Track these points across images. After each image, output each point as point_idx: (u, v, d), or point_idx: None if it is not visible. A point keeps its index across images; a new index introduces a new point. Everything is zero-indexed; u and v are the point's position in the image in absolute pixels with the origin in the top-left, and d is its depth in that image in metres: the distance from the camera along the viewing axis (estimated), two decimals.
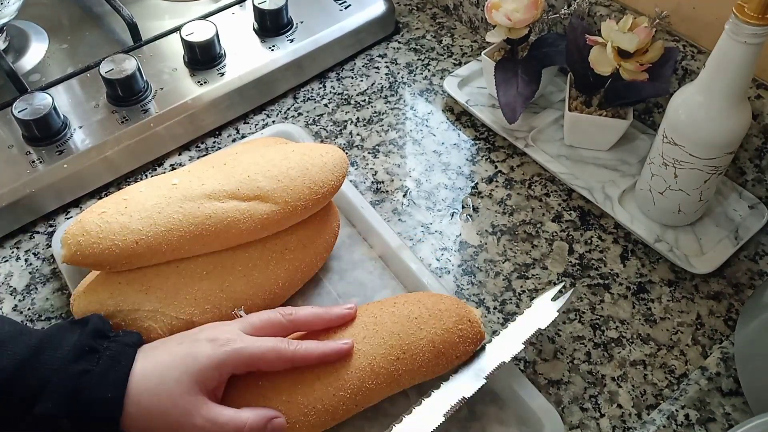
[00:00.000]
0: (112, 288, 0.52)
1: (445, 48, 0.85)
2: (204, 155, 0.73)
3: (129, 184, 0.70)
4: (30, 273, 0.63)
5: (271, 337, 0.48)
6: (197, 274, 0.53)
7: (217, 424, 0.43)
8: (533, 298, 0.60)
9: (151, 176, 0.71)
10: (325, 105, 0.78)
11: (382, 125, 0.76)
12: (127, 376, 0.43)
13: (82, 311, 0.51)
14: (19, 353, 0.43)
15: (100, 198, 0.69)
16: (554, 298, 0.55)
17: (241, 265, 0.54)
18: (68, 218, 0.67)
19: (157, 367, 0.45)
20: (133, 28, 0.78)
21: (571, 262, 0.62)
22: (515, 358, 0.56)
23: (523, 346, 0.52)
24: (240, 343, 0.46)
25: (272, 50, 0.78)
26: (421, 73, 0.82)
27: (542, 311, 0.54)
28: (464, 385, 0.50)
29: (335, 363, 0.48)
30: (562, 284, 0.56)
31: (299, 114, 0.77)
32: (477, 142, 0.74)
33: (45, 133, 0.67)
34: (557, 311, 0.54)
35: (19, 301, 0.61)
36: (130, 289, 0.52)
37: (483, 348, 0.52)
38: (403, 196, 0.68)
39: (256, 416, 0.44)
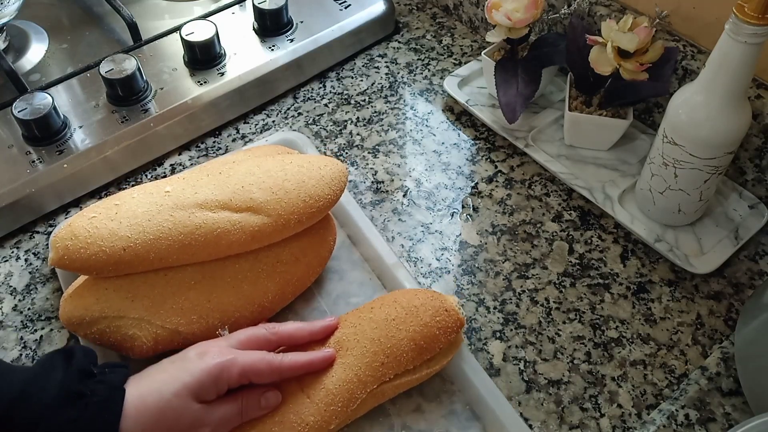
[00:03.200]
0: (99, 294, 0.51)
1: (445, 48, 0.85)
2: (204, 155, 0.73)
3: (129, 184, 0.70)
4: (30, 273, 0.63)
5: (259, 351, 0.49)
6: (185, 284, 0.53)
7: (220, 422, 0.45)
8: (533, 298, 0.60)
9: (151, 176, 0.71)
10: (325, 105, 0.78)
11: (382, 125, 0.76)
12: (117, 425, 0.42)
13: (67, 316, 0.51)
14: (2, 398, 0.41)
15: (100, 198, 0.69)
16: None
17: (230, 277, 0.54)
18: (68, 218, 0.67)
19: (154, 384, 0.45)
20: (133, 28, 0.78)
21: (571, 261, 0.62)
22: (516, 358, 0.56)
23: None
24: (231, 355, 0.47)
25: (272, 50, 0.78)
26: (421, 73, 0.82)
27: None
28: None
29: (323, 379, 0.48)
30: None
31: (299, 114, 0.77)
32: (477, 142, 0.74)
33: (45, 132, 0.67)
34: None
35: (19, 301, 0.61)
36: (116, 295, 0.51)
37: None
38: (403, 196, 0.68)
39: (250, 393, 0.47)
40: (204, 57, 0.75)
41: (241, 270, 0.54)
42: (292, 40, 0.79)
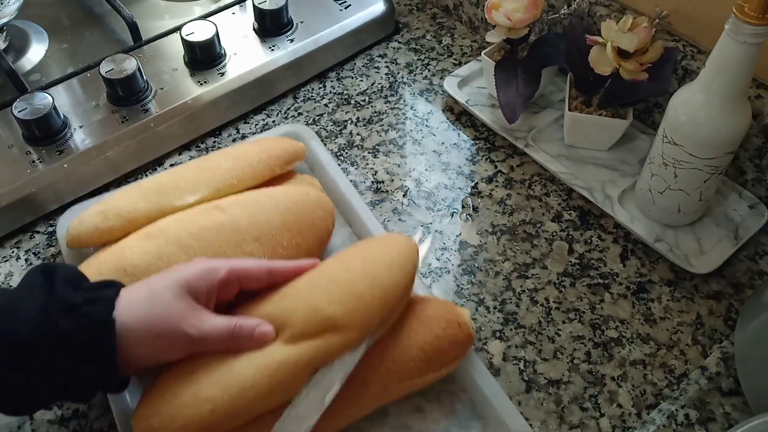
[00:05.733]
0: (103, 278, 0.51)
1: (445, 48, 0.85)
2: (204, 155, 0.73)
3: (129, 184, 0.70)
4: None
5: None
6: None
7: (205, 332, 0.45)
8: (533, 298, 0.60)
9: (151, 176, 0.71)
10: (325, 105, 0.78)
11: (382, 125, 0.76)
12: (114, 356, 0.43)
13: None
14: None
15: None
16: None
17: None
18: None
19: (143, 283, 0.46)
20: (134, 28, 0.78)
21: (570, 261, 0.62)
22: (516, 358, 0.56)
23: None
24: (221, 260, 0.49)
25: (272, 50, 0.78)
26: (421, 73, 0.82)
27: None
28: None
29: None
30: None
31: (299, 114, 0.77)
32: (477, 142, 0.74)
33: (45, 132, 0.67)
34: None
35: None
36: (121, 280, 0.50)
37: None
38: (403, 195, 0.69)
39: (245, 320, 0.46)
40: (204, 57, 0.75)
41: (243, 254, 0.55)
42: (292, 40, 0.79)
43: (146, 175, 0.71)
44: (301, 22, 0.81)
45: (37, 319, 0.42)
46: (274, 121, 0.76)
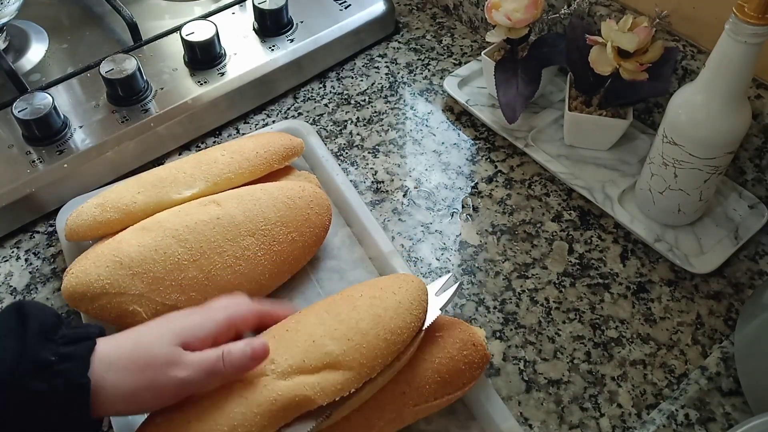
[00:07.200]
0: (101, 270, 0.53)
1: (445, 48, 0.85)
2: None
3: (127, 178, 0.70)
4: (30, 273, 0.63)
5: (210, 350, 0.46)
6: (184, 261, 0.54)
7: (194, 365, 0.42)
8: (533, 298, 0.60)
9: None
10: (325, 105, 0.78)
11: (382, 125, 0.76)
12: (87, 416, 0.40)
13: (70, 291, 0.53)
14: None
15: None
16: (438, 293, 0.51)
17: (228, 255, 0.55)
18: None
19: (133, 333, 0.44)
20: (133, 28, 0.78)
21: (570, 261, 0.62)
22: (516, 358, 0.56)
23: None
24: (217, 309, 0.47)
25: (272, 50, 0.78)
26: (421, 73, 0.82)
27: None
28: None
29: (342, 403, 0.46)
30: (448, 275, 0.52)
31: (299, 114, 0.77)
32: (477, 142, 0.74)
33: (45, 132, 0.67)
34: (440, 309, 0.50)
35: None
36: (118, 272, 0.52)
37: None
38: (403, 195, 0.69)
39: (233, 344, 0.44)
40: (204, 57, 0.75)
41: (239, 248, 0.55)
42: (292, 40, 0.79)
43: None
44: (301, 22, 0.81)
45: (7, 379, 0.39)
46: (274, 121, 0.76)
